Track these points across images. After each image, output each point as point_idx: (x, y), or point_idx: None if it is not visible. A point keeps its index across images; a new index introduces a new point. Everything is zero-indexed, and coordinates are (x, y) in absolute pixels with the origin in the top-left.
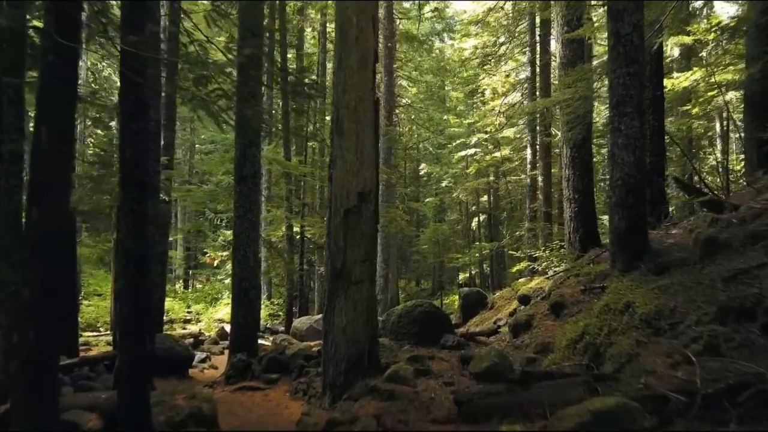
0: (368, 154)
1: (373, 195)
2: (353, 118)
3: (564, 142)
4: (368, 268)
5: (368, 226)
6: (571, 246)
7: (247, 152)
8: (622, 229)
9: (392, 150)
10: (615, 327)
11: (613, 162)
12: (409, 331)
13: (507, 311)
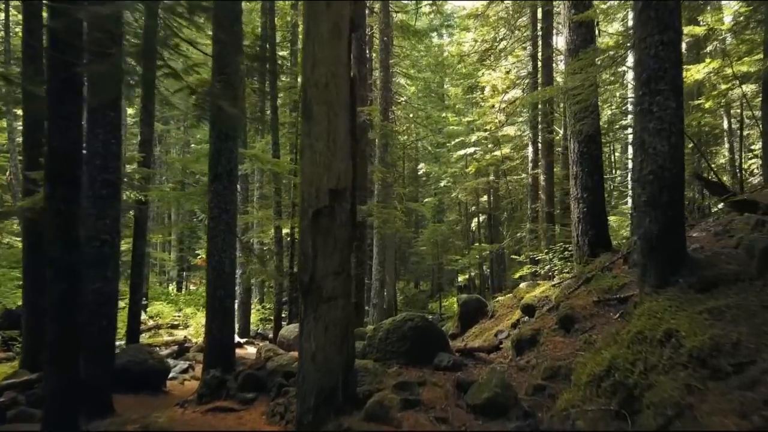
0: (342, 143)
1: (350, 192)
2: (323, 98)
3: (571, 135)
4: (343, 282)
5: (343, 231)
6: (579, 249)
7: (222, 147)
8: (653, 234)
9: (388, 148)
10: (654, 363)
11: (642, 152)
12: (398, 350)
13: (509, 322)
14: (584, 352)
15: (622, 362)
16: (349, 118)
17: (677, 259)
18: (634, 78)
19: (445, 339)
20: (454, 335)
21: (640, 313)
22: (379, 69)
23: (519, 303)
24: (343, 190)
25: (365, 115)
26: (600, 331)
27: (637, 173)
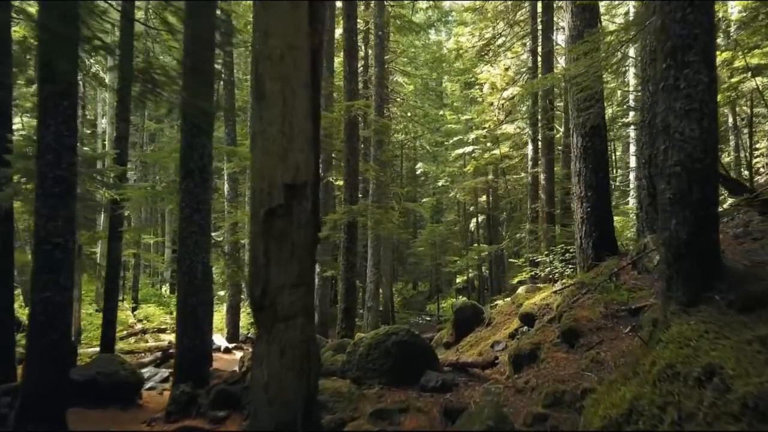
0: (301, 128)
1: (311, 188)
2: (278, 73)
3: (573, 129)
4: (303, 297)
5: (302, 234)
6: (583, 253)
7: (195, 142)
8: (681, 239)
9: (383, 145)
10: (691, 410)
11: (666, 138)
12: (380, 368)
13: (506, 331)
14: (591, 373)
15: (647, 405)
16: (309, 97)
17: (711, 269)
18: (655, 50)
19: (434, 355)
20: (448, 344)
21: (668, 339)
22: (374, 65)
23: (517, 310)
24: (302, 186)
25: (356, 111)
26: (609, 347)
27: (659, 164)
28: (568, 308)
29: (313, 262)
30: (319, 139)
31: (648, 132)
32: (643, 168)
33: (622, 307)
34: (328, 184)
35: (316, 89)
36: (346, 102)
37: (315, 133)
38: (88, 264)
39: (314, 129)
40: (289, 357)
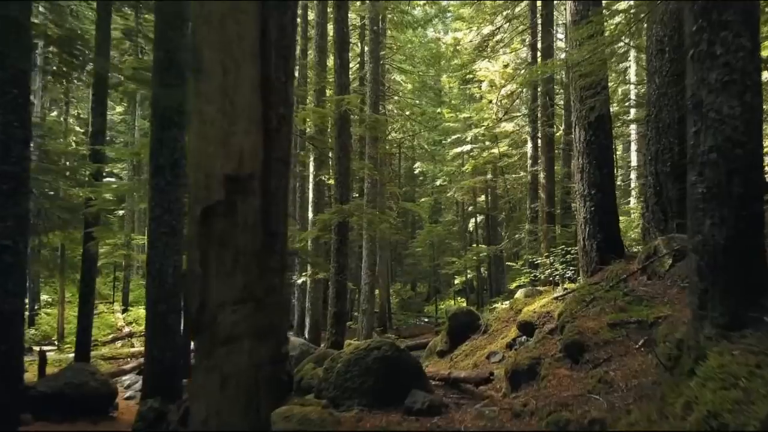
0: (247, 106)
1: (261, 181)
2: (218, 41)
3: (576, 121)
4: (251, 315)
5: (249, 239)
6: (586, 256)
7: (165, 135)
8: (718, 245)
9: (378, 142)
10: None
11: (698, 117)
12: (359, 387)
13: (504, 341)
14: (599, 396)
15: None
16: (258, 70)
17: (758, 282)
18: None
19: (421, 372)
20: (442, 352)
21: (705, 374)
22: (368, 60)
23: (515, 317)
24: (248, 178)
25: (348, 106)
26: (619, 365)
27: (690, 150)
28: (570, 318)
29: (267, 272)
30: (272, 122)
31: (654, 127)
32: (649, 165)
33: (631, 319)
34: (320, 183)
35: (266, 62)
36: (336, 96)
37: (266, 114)
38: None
39: (264, 108)
40: (233, 388)
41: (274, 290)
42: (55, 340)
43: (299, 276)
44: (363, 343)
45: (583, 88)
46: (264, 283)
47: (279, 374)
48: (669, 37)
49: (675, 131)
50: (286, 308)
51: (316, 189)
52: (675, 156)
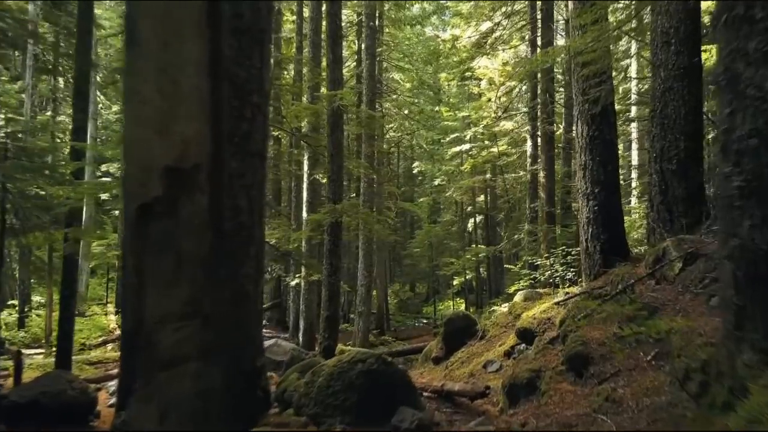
0: (192, 87)
1: (210, 175)
2: (156, 8)
3: (578, 115)
4: (198, 332)
5: (195, 242)
6: (589, 258)
7: None
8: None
9: (375, 140)
10: None
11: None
12: (342, 404)
13: (501, 348)
14: (607, 417)
15: None
16: (206, 44)
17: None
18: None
19: (410, 386)
20: (437, 358)
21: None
22: (365, 57)
23: (514, 322)
24: (193, 170)
25: (341, 102)
26: (628, 381)
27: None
28: (574, 326)
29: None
30: (222, 106)
31: (659, 123)
32: (653, 162)
33: (641, 328)
34: (314, 182)
35: (216, 35)
36: (328, 92)
37: (216, 96)
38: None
39: (214, 89)
40: (174, 421)
41: (234, 301)
42: (45, 342)
43: (293, 278)
44: (346, 355)
45: (586, 78)
46: (215, 295)
47: (253, 391)
48: (675, 29)
49: (681, 127)
50: (258, 319)
51: (310, 188)
52: (681, 153)
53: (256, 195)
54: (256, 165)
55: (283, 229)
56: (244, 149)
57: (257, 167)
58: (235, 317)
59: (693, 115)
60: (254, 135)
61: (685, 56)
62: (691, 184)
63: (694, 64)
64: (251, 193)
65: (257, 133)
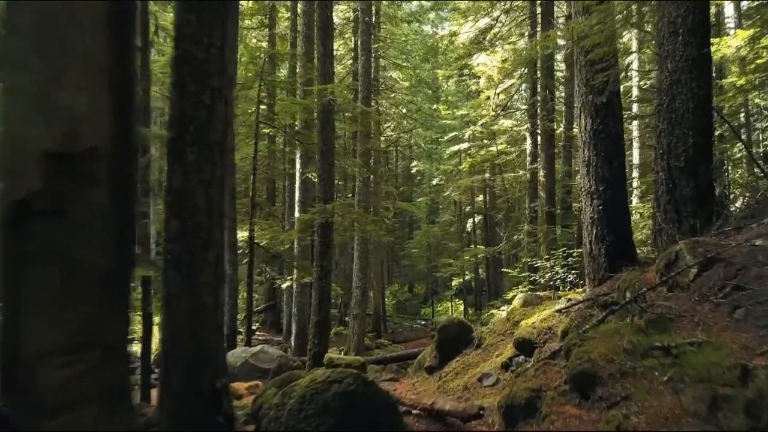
0: (84, 47)
1: (112, 163)
2: None
3: (581, 108)
4: (96, 369)
5: (92, 251)
6: (593, 262)
7: None
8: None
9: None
10: None
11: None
12: (316, 429)
13: (499, 359)
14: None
15: None
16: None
17: None
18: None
19: (393, 409)
20: (431, 368)
21: None
22: (360, 53)
23: (512, 329)
24: (86, 156)
25: (331, 96)
26: (641, 406)
27: None
28: (578, 339)
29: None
30: (129, 73)
31: (666, 117)
32: (660, 159)
33: (655, 344)
34: (306, 181)
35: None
36: (318, 86)
37: (120, 61)
38: None
39: (115, 52)
40: None
41: (189, 314)
42: None
43: (283, 280)
44: (320, 374)
45: (591, 65)
46: (118, 319)
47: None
48: (683, 18)
49: (689, 122)
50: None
51: (302, 187)
52: (690, 149)
53: (216, 192)
54: (216, 158)
55: (274, 230)
56: (202, 140)
57: (216, 161)
58: (191, 333)
59: (702, 109)
60: (214, 124)
61: (694, 47)
62: (701, 183)
63: (703, 55)
64: (210, 191)
65: (217, 121)
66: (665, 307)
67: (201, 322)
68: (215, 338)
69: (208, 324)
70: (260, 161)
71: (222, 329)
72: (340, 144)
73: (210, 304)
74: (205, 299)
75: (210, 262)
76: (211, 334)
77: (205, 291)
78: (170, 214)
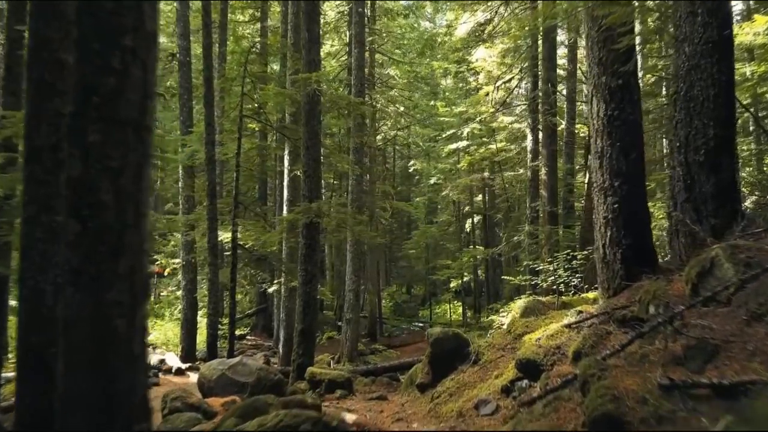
0: None
1: None
2: None
3: (593, 90)
4: None
5: None
6: (607, 267)
7: (44, 107)
8: None
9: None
10: None
11: None
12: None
13: (499, 380)
14: None
15: None
16: None
17: None
18: None
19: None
20: (422, 385)
21: None
22: (353, 46)
23: (513, 343)
24: None
25: (317, 86)
26: None
27: None
28: (597, 369)
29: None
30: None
31: (684, 107)
32: (677, 153)
33: (700, 380)
34: (295, 178)
35: None
36: (303, 74)
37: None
38: None
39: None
40: None
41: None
42: None
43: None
44: (272, 417)
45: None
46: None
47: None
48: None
49: (710, 111)
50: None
51: (290, 185)
52: (710, 142)
53: (129, 185)
54: (129, 140)
55: (257, 230)
56: (110, 115)
57: (131, 143)
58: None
59: (724, 97)
60: (126, 95)
61: (714, 28)
62: (722, 179)
63: (725, 37)
64: (120, 182)
65: (131, 92)
66: (704, 327)
67: (110, 354)
68: (130, 373)
69: (120, 355)
70: (252, 159)
71: (142, 359)
72: (335, 141)
73: (122, 330)
74: (115, 323)
75: (121, 274)
76: (125, 368)
77: (115, 312)
78: (68, 213)
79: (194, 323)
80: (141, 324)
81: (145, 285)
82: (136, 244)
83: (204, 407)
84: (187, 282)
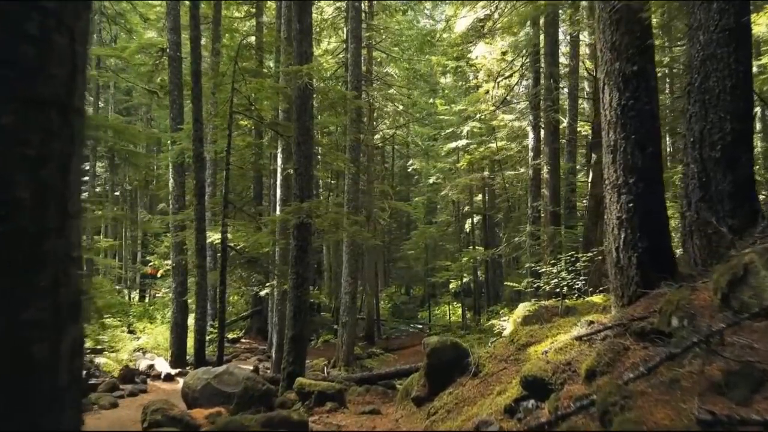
0: None
1: None
2: None
3: (605, 78)
4: None
5: None
6: (621, 273)
7: None
8: None
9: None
10: None
11: None
12: None
13: (501, 398)
14: None
15: None
16: None
17: None
18: None
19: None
20: (419, 399)
21: None
22: (350, 41)
23: (516, 354)
24: None
25: (308, 79)
26: None
27: None
28: (620, 397)
29: None
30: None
31: (699, 99)
32: (691, 149)
33: (749, 416)
34: (288, 177)
35: None
36: (293, 67)
37: None
38: None
39: None
40: None
41: None
42: None
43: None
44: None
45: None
46: None
47: None
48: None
49: (726, 104)
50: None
51: (284, 184)
52: (727, 136)
53: (52, 178)
54: (52, 124)
55: (247, 231)
56: (26, 94)
57: (53, 128)
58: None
59: (741, 89)
60: (49, 68)
61: (731, 15)
62: (740, 176)
63: (743, 24)
64: (42, 174)
65: (55, 66)
66: (743, 347)
67: (27, 388)
68: (55, 411)
69: (41, 390)
70: (246, 157)
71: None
72: (331, 139)
73: (41, 356)
74: (33, 350)
75: (42, 288)
76: (47, 404)
77: (34, 335)
78: None
79: (184, 327)
80: (69, 348)
81: (73, 301)
82: (60, 252)
83: (186, 420)
84: (177, 285)
